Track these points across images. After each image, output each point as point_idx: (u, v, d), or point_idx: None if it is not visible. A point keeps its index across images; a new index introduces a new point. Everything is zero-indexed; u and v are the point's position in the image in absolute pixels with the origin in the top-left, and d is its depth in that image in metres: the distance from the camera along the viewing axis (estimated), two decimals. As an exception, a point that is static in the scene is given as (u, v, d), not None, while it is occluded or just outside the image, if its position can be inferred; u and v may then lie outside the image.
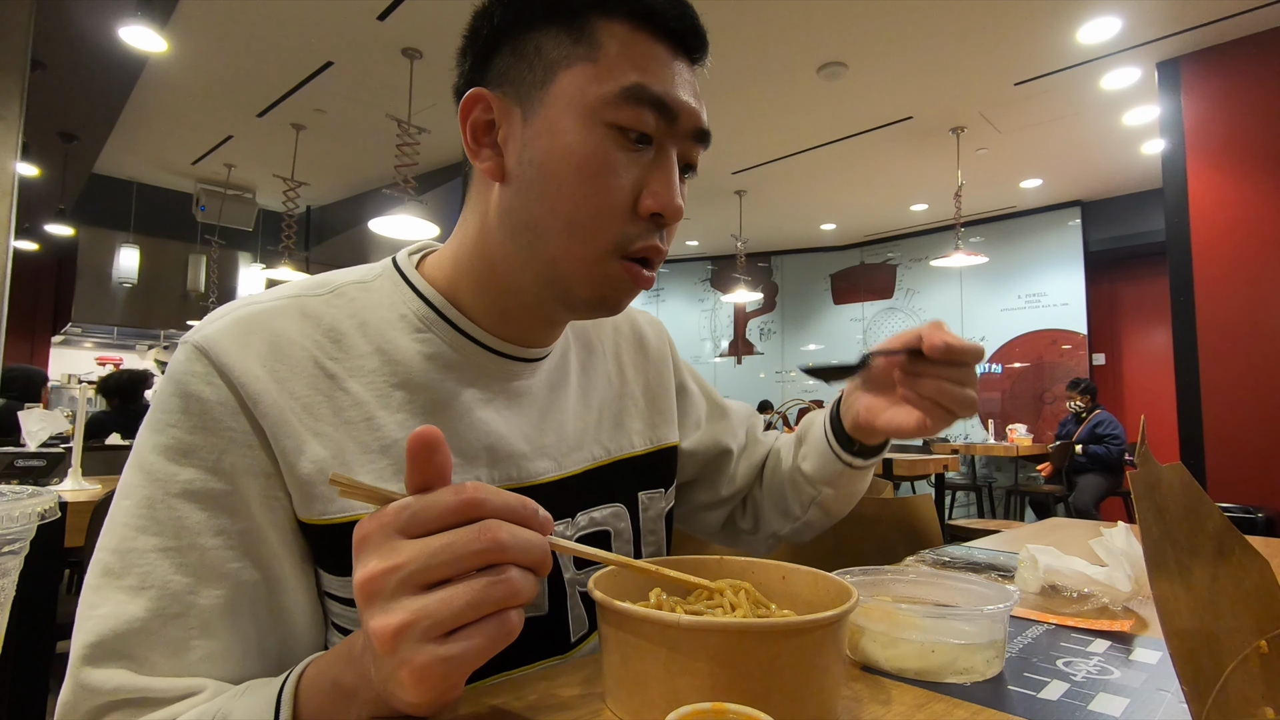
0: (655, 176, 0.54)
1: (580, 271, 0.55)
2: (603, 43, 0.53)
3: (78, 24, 3.85)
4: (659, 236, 0.56)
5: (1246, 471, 3.42)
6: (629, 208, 0.54)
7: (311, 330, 0.55)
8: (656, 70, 0.54)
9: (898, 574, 0.62)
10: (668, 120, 0.54)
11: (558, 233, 0.54)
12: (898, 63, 3.97)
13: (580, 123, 0.53)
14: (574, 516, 0.65)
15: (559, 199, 0.53)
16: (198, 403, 0.49)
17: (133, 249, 6.86)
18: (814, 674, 0.40)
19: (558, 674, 0.51)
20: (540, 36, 0.55)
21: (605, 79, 0.53)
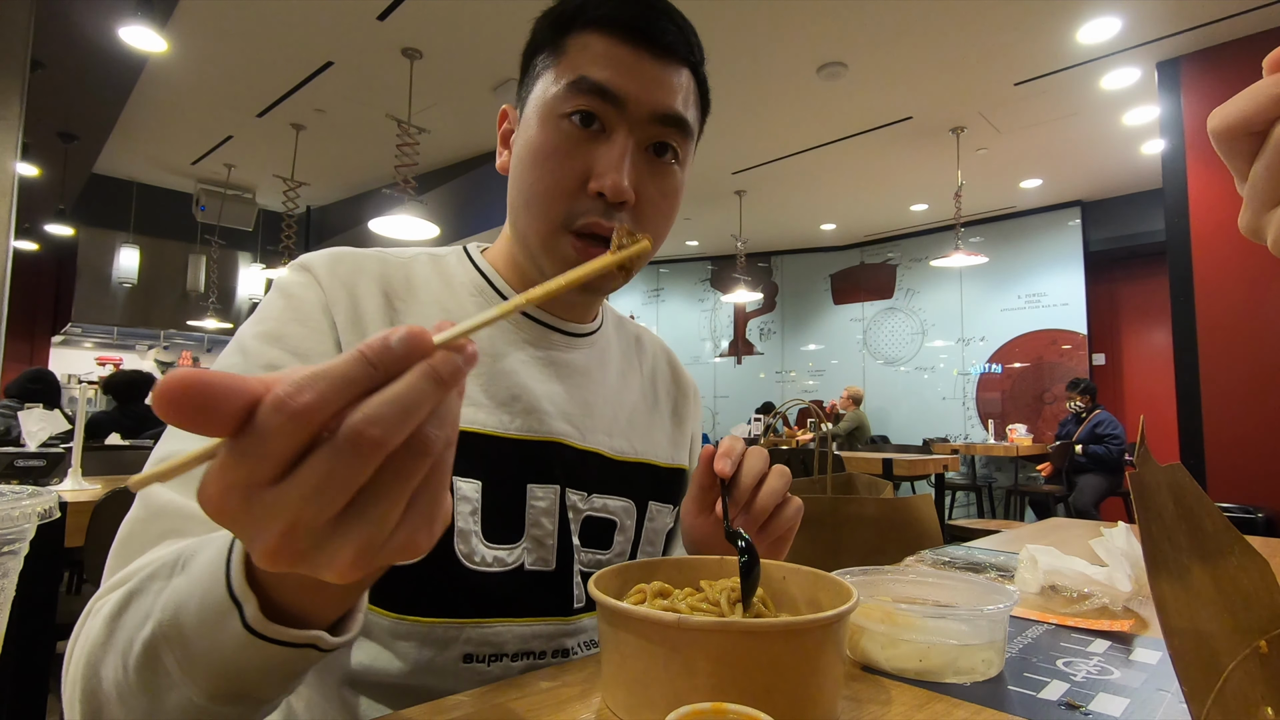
0: (601, 158, 0.60)
1: (539, 246, 0.62)
2: (568, 51, 0.62)
3: (78, 24, 3.86)
4: (604, 214, 0.60)
5: (1246, 471, 3.42)
6: (576, 187, 0.60)
7: (388, 274, 0.66)
8: (605, 64, 0.60)
9: (898, 574, 0.62)
10: (616, 106, 0.60)
11: (521, 211, 0.63)
12: (898, 63, 3.97)
13: (540, 117, 0.62)
14: (590, 494, 0.69)
15: (522, 182, 0.63)
16: (296, 301, 0.61)
17: (133, 249, 6.86)
18: (814, 674, 0.40)
19: (558, 674, 0.52)
20: (538, 58, 0.65)
21: (560, 78, 0.61)
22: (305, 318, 0.60)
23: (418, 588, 0.58)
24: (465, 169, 5.65)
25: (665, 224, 0.66)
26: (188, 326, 7.26)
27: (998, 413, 6.54)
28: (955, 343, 6.94)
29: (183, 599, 0.37)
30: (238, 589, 0.35)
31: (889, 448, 5.51)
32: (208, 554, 0.38)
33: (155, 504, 0.49)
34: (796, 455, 3.51)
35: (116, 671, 0.40)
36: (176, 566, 0.40)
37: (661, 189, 0.63)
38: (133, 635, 0.39)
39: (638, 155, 0.61)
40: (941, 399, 6.99)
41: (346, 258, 0.66)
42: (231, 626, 0.36)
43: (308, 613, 0.37)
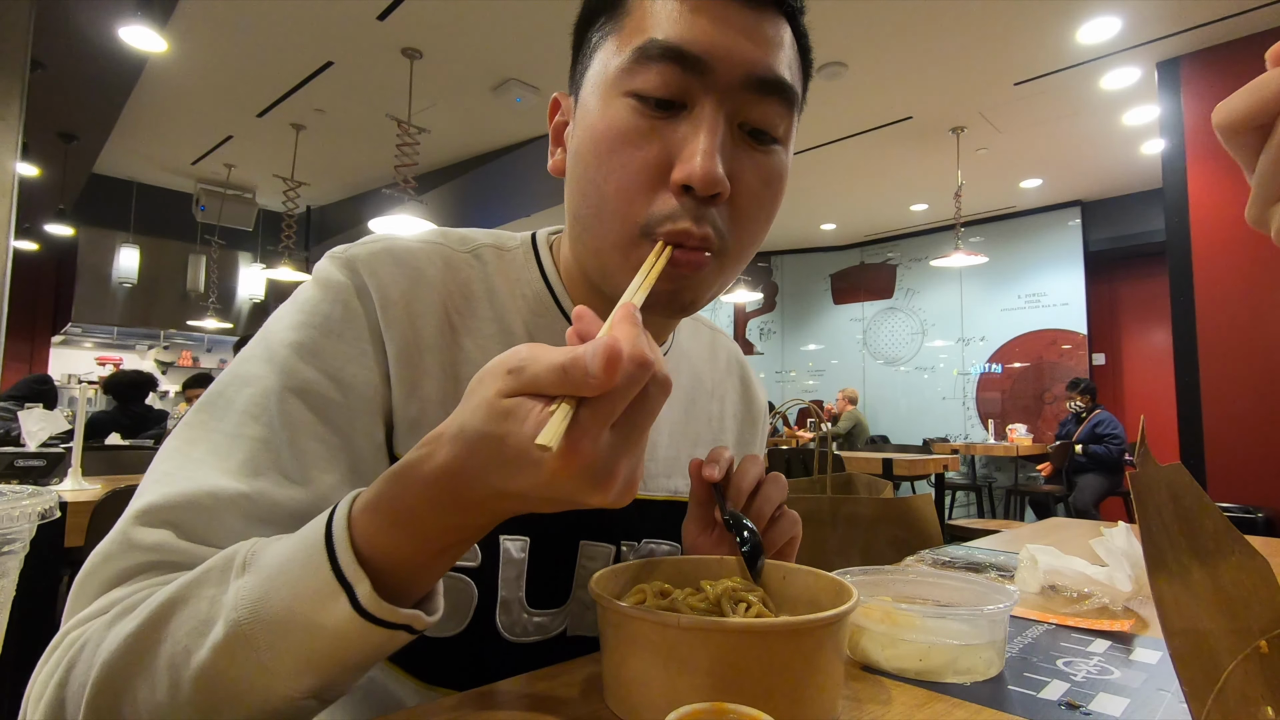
0: (685, 141, 0.47)
1: (618, 260, 0.50)
2: (631, 10, 0.49)
3: (78, 24, 3.85)
4: (695, 217, 0.47)
5: (1246, 471, 3.42)
6: (655, 181, 0.48)
7: (449, 280, 0.56)
8: (681, 17, 0.47)
9: (898, 574, 0.62)
10: (698, 72, 0.47)
11: (593, 219, 0.51)
12: (898, 63, 3.97)
13: (603, 99, 0.49)
14: (639, 541, 0.64)
15: (587, 184, 0.50)
16: (341, 309, 0.51)
17: (133, 249, 6.86)
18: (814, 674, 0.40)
19: (558, 674, 0.51)
20: (594, 30, 0.53)
21: (624, 46, 0.49)
22: (353, 336, 0.50)
23: (451, 659, 0.54)
24: (465, 169, 5.65)
25: (766, 223, 0.53)
26: (188, 326, 7.26)
27: (998, 413, 6.54)
28: (955, 343, 6.93)
29: (264, 595, 0.36)
30: (349, 572, 0.36)
31: (889, 448, 5.50)
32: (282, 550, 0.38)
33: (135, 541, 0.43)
34: (796, 455, 3.51)
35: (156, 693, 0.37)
36: (232, 570, 0.38)
37: (763, 175, 0.50)
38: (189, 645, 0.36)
39: (731, 134, 0.49)
40: (941, 399, 6.99)
41: (405, 258, 0.54)
42: (338, 610, 0.35)
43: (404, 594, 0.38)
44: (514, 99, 4.44)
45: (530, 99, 4.45)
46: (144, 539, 0.43)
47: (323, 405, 0.49)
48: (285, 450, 0.47)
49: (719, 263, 0.51)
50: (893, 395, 7.34)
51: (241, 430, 0.47)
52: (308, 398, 0.48)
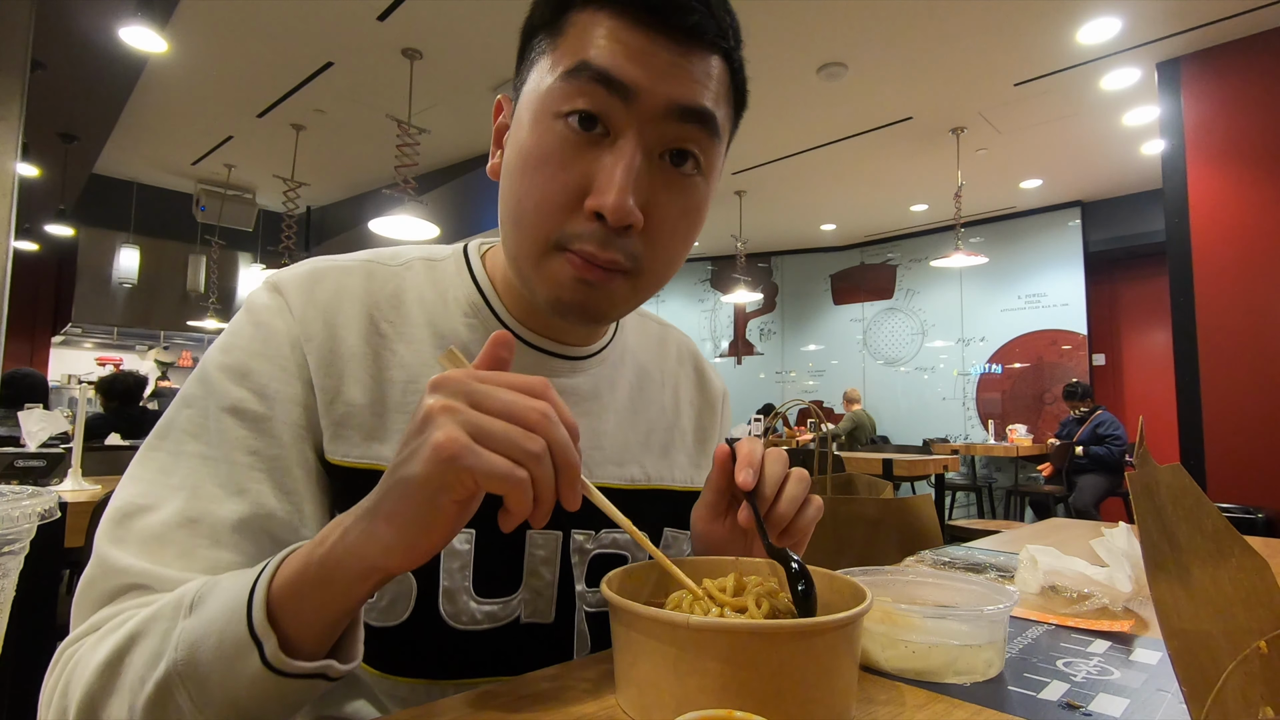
0: (603, 170, 0.49)
1: (531, 268, 0.54)
2: (566, 31, 0.52)
3: (78, 24, 3.85)
4: (603, 243, 0.50)
5: (1246, 472, 3.42)
6: (570, 203, 0.50)
7: (375, 291, 0.59)
8: (611, 46, 0.49)
9: (898, 574, 0.62)
10: (623, 98, 0.49)
11: (511, 226, 0.54)
12: (898, 63, 3.97)
13: (534, 116, 0.52)
14: (597, 531, 0.64)
15: (510, 195, 0.54)
16: (265, 330, 0.55)
17: (133, 249, 6.86)
18: (826, 677, 0.40)
19: (566, 673, 0.51)
20: (535, 40, 0.55)
21: (556, 65, 0.51)
22: (273, 352, 0.54)
23: (401, 649, 0.55)
24: (465, 169, 5.65)
25: (683, 248, 0.55)
26: (188, 327, 7.26)
27: (998, 413, 6.54)
28: (955, 343, 6.94)
29: (198, 638, 0.40)
30: (259, 628, 0.39)
31: (889, 448, 5.51)
32: (221, 598, 0.41)
33: (110, 564, 0.48)
34: (797, 455, 3.51)
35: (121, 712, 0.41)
36: (182, 609, 0.42)
37: (681, 205, 0.53)
38: (143, 675, 0.41)
39: (649, 164, 0.51)
40: (941, 399, 6.99)
41: (327, 277, 0.58)
42: (250, 663, 0.39)
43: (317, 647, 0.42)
44: (514, 99, 4.44)
45: (530, 99, 4.45)
46: (117, 562, 0.48)
47: (253, 420, 0.53)
48: (222, 465, 0.51)
49: (632, 282, 0.54)
50: (893, 396, 7.34)
51: (182, 448, 0.52)
52: (239, 415, 0.52)
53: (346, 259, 0.61)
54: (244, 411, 0.52)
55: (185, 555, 0.48)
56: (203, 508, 0.49)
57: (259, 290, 0.57)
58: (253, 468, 0.51)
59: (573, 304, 0.53)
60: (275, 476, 0.52)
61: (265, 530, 0.51)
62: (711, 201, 0.57)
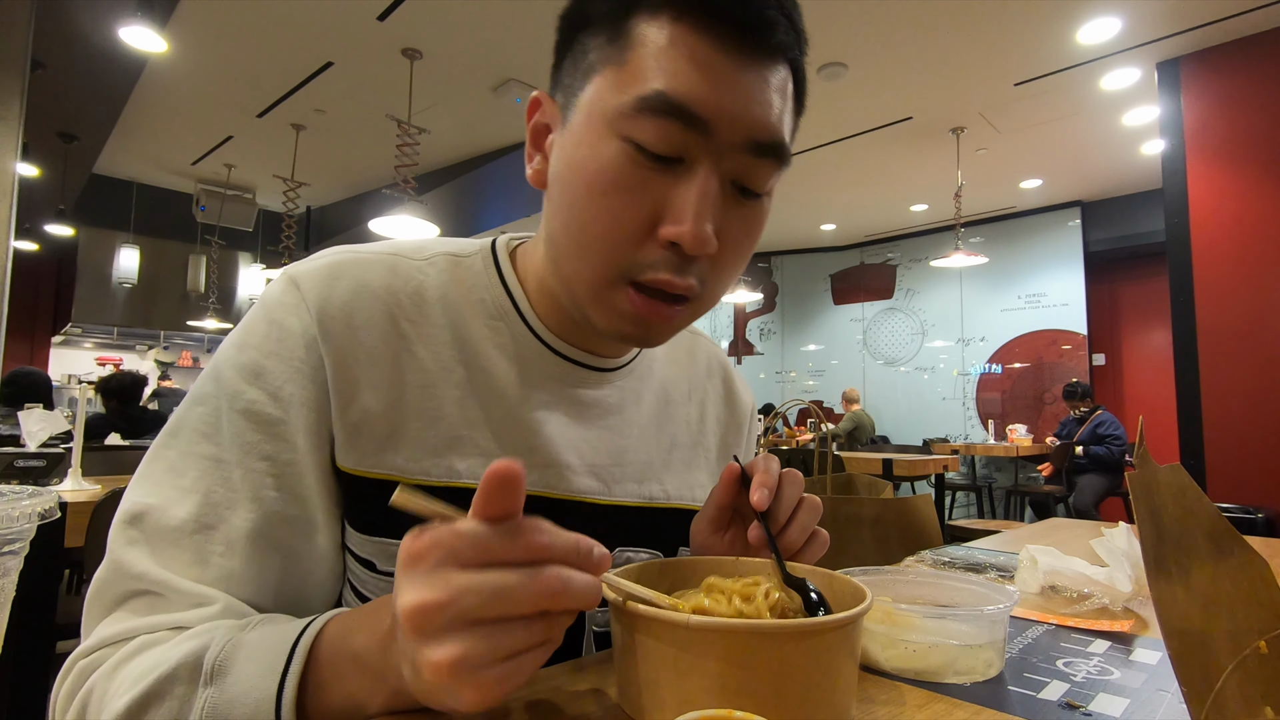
0: (678, 198, 0.47)
1: (590, 297, 0.51)
2: (635, 44, 0.47)
3: (78, 24, 3.86)
4: (680, 269, 0.48)
5: (1246, 472, 3.42)
6: (643, 232, 0.48)
7: (398, 288, 0.56)
8: (687, 71, 0.46)
9: (898, 574, 0.62)
10: (700, 132, 0.46)
11: (570, 252, 0.51)
12: (898, 63, 3.97)
13: (597, 134, 0.48)
14: (612, 549, 0.63)
15: (571, 215, 0.50)
16: (279, 329, 0.52)
17: (133, 249, 6.86)
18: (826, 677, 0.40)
19: (567, 673, 0.51)
20: (587, 38, 0.51)
21: (626, 86, 0.47)
22: (288, 353, 0.52)
23: None
24: (465, 169, 5.65)
25: (744, 264, 0.54)
26: (188, 327, 7.26)
27: (998, 413, 6.54)
28: (955, 343, 6.94)
29: (221, 717, 0.41)
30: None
31: (889, 448, 5.50)
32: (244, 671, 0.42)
33: (125, 568, 0.47)
34: (796, 455, 3.51)
35: None
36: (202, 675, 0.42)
37: (746, 227, 0.51)
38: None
39: (722, 190, 0.49)
40: (941, 399, 6.99)
41: (347, 273, 0.55)
42: None
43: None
44: (514, 99, 4.44)
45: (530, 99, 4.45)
46: (132, 566, 0.47)
47: (267, 424, 0.51)
48: (235, 470, 0.50)
49: (691, 309, 0.53)
50: (893, 395, 7.34)
51: (193, 449, 0.50)
52: (252, 417, 0.51)
53: (369, 250, 0.58)
54: (257, 414, 0.51)
55: (199, 563, 0.48)
56: (216, 514, 0.49)
57: (276, 284, 0.55)
58: (266, 474, 0.50)
59: (631, 336, 0.53)
60: (288, 483, 0.51)
61: (278, 538, 0.51)
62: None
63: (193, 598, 0.47)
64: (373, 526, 0.54)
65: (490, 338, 0.58)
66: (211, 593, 0.47)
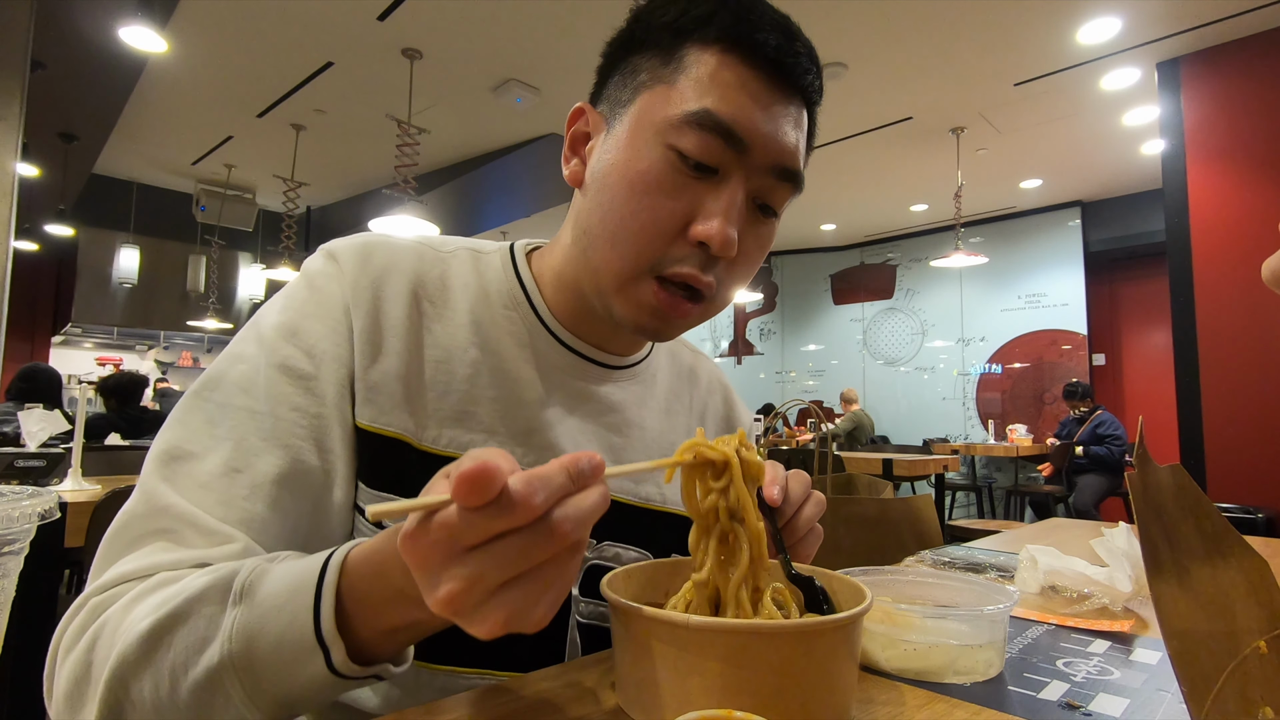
0: (710, 203, 0.54)
1: (615, 286, 0.57)
2: (687, 68, 0.54)
3: (78, 24, 3.85)
4: (704, 267, 0.55)
5: (1246, 472, 3.42)
6: (675, 230, 0.54)
7: (423, 271, 0.62)
8: (733, 97, 0.53)
9: (898, 574, 0.62)
10: (737, 149, 0.53)
11: (603, 242, 0.56)
12: (898, 63, 3.97)
13: (643, 140, 0.55)
14: (599, 542, 0.64)
15: (610, 210, 0.56)
16: (319, 294, 0.57)
17: (133, 249, 6.86)
18: (825, 677, 0.40)
19: (566, 673, 0.51)
20: (640, 59, 0.57)
21: (677, 102, 0.54)
22: (325, 314, 0.56)
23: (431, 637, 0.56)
24: (465, 169, 5.65)
25: (751, 276, 0.61)
26: (188, 327, 7.26)
27: (998, 413, 6.54)
28: (955, 343, 6.94)
29: (255, 633, 0.40)
30: (328, 635, 0.40)
31: (889, 448, 5.50)
32: (276, 588, 0.41)
33: (157, 501, 0.48)
34: (797, 455, 3.51)
35: (158, 691, 0.41)
36: (231, 594, 0.42)
37: (759, 241, 0.59)
38: (187, 660, 0.41)
39: (746, 205, 0.56)
40: (941, 399, 6.99)
41: (380, 250, 0.61)
42: (314, 666, 0.40)
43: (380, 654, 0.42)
44: (514, 99, 4.44)
45: (530, 99, 4.45)
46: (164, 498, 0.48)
47: (300, 378, 0.54)
48: (267, 420, 0.52)
49: (704, 309, 0.58)
50: (893, 396, 7.34)
51: (231, 400, 0.53)
52: (289, 372, 0.54)
53: (399, 238, 0.63)
54: (292, 369, 0.54)
55: (224, 504, 0.49)
56: (245, 459, 0.50)
57: (315, 256, 0.60)
58: (297, 424, 0.53)
59: (648, 329, 0.58)
60: (316, 435, 0.54)
61: (300, 487, 0.52)
62: None
63: (215, 536, 0.48)
64: (385, 483, 0.56)
65: (505, 325, 0.63)
66: (234, 532, 0.48)
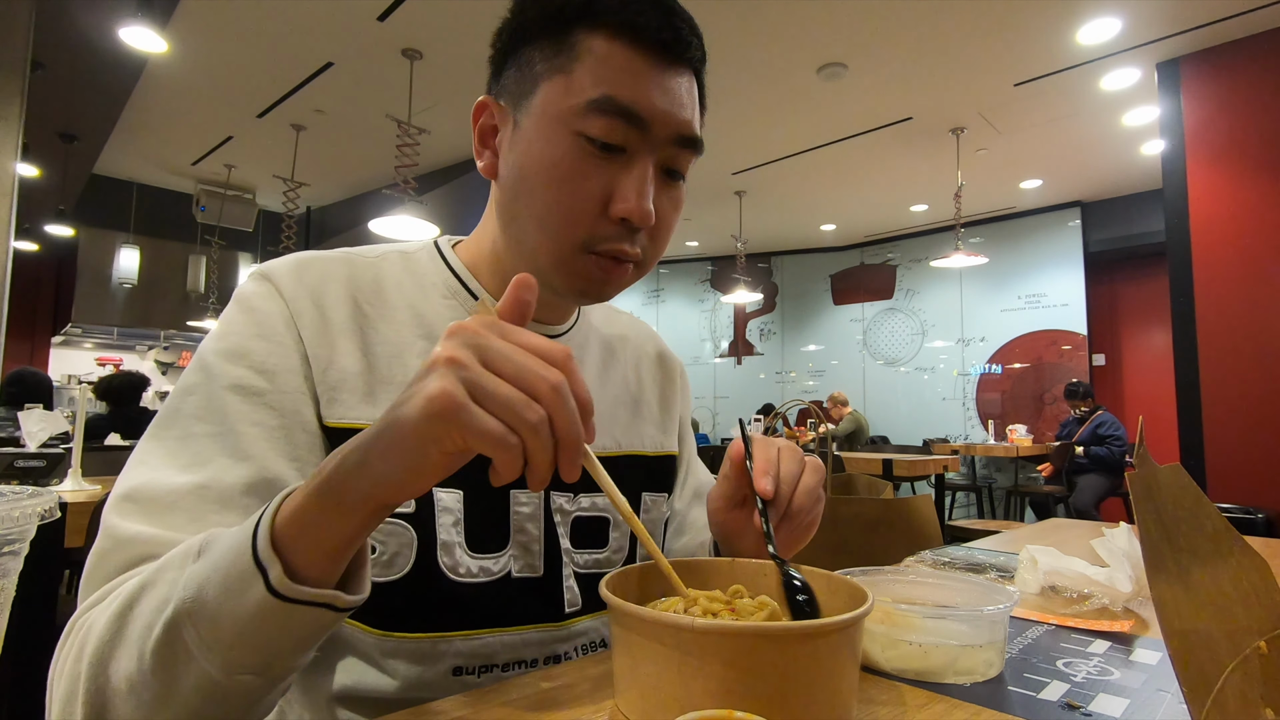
0: (624, 182, 0.57)
1: (554, 264, 0.60)
2: (579, 55, 0.57)
3: (78, 24, 3.86)
4: (630, 240, 0.59)
5: (1246, 472, 3.42)
6: (597, 210, 0.58)
7: (356, 277, 0.64)
8: (628, 81, 0.57)
9: (898, 574, 0.62)
10: (640, 128, 0.57)
11: (533, 229, 0.59)
12: (898, 63, 3.97)
13: (552, 131, 0.57)
14: (576, 494, 0.68)
15: (532, 200, 0.59)
16: (257, 314, 0.58)
17: (133, 249, 6.86)
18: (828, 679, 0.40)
19: (562, 674, 0.52)
20: (532, 50, 0.60)
21: (575, 92, 0.57)
22: (268, 332, 0.57)
23: (403, 603, 0.58)
24: (465, 169, 5.65)
25: (672, 234, 0.65)
26: (188, 327, 7.26)
27: (998, 413, 6.54)
28: (955, 343, 6.94)
29: (205, 576, 0.41)
30: (263, 555, 0.40)
31: (889, 448, 5.50)
32: (228, 539, 0.42)
33: (120, 535, 0.49)
34: (796, 455, 3.50)
35: (129, 662, 0.42)
36: (190, 555, 0.43)
37: (673, 203, 0.63)
38: (150, 621, 0.41)
39: (656, 175, 0.60)
40: (941, 399, 6.99)
41: (311, 264, 0.63)
42: (255, 591, 0.39)
43: (323, 575, 0.42)
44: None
45: (530, 99, 4.45)
46: (125, 531, 0.49)
47: (255, 394, 0.56)
48: (229, 437, 0.54)
49: (637, 270, 0.63)
50: (893, 396, 7.34)
51: (190, 431, 0.54)
52: (241, 392, 0.55)
53: (327, 251, 0.65)
54: (245, 388, 0.55)
55: (195, 520, 0.50)
56: (212, 475, 0.52)
57: (247, 281, 0.61)
58: (259, 438, 0.54)
59: (588, 293, 0.61)
60: (279, 444, 0.55)
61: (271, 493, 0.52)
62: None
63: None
64: None
65: (446, 313, 0.65)
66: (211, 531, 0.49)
